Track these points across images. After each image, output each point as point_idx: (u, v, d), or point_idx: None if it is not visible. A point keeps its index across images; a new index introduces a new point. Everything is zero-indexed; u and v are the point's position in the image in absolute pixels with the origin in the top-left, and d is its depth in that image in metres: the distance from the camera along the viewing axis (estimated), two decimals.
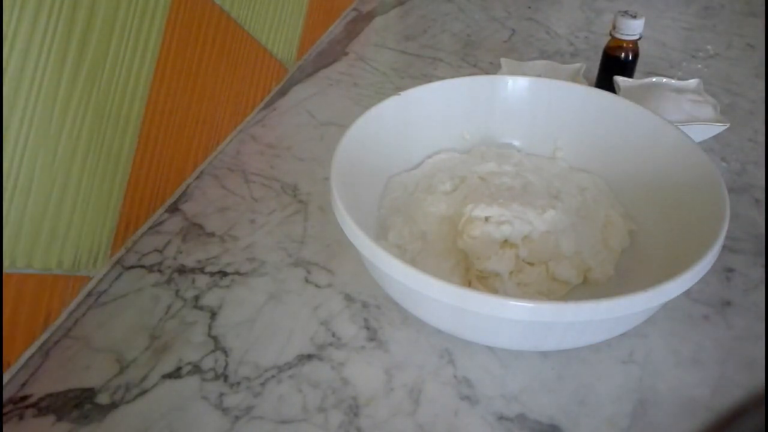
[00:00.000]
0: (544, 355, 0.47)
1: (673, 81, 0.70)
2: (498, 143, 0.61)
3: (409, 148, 0.59)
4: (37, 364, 0.46)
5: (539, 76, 0.69)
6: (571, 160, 0.60)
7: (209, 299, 0.51)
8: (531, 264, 0.50)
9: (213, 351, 0.47)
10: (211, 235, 0.57)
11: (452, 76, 0.61)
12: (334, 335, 0.48)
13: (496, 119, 0.61)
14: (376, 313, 0.50)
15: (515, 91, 0.60)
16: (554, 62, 0.75)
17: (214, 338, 0.48)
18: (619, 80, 0.70)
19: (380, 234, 0.52)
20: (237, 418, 0.43)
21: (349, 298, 0.51)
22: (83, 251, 0.50)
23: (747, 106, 0.74)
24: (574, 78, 0.72)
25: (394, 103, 0.56)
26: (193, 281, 0.52)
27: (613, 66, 0.71)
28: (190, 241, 0.56)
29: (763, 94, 0.76)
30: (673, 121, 0.55)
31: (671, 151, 0.53)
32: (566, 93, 0.60)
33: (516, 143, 0.62)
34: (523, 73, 0.71)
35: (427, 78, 0.79)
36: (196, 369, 0.46)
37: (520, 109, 0.61)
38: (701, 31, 0.92)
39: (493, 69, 0.81)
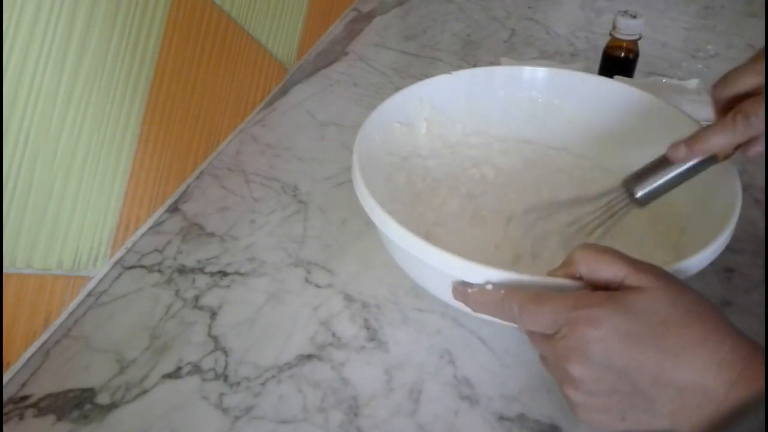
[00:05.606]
0: None
1: (673, 81, 0.70)
2: (519, 136, 0.60)
3: (428, 136, 0.58)
4: (37, 364, 0.46)
5: None
6: (576, 148, 0.59)
7: (209, 299, 0.51)
8: None
9: (213, 351, 0.47)
10: (211, 235, 0.57)
11: None
12: (334, 335, 0.48)
13: (520, 112, 0.60)
14: (376, 313, 0.50)
15: (534, 82, 0.60)
16: (554, 62, 0.75)
17: (214, 338, 0.48)
18: (619, 80, 0.70)
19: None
20: (237, 418, 0.43)
21: (349, 298, 0.51)
22: (83, 251, 0.50)
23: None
24: None
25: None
26: (193, 281, 0.52)
27: (613, 66, 0.71)
28: (190, 241, 0.56)
29: None
30: None
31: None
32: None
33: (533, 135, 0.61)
34: None
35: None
36: (196, 369, 0.46)
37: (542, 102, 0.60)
38: (701, 31, 0.92)
39: None
